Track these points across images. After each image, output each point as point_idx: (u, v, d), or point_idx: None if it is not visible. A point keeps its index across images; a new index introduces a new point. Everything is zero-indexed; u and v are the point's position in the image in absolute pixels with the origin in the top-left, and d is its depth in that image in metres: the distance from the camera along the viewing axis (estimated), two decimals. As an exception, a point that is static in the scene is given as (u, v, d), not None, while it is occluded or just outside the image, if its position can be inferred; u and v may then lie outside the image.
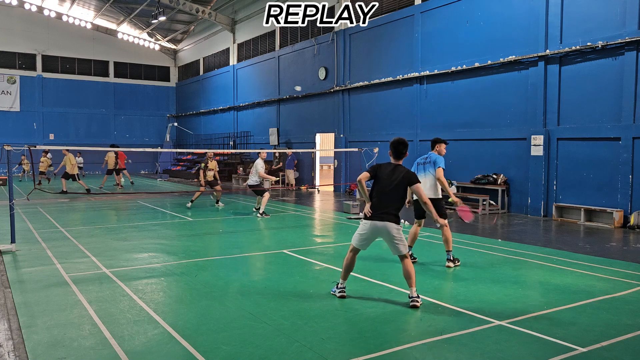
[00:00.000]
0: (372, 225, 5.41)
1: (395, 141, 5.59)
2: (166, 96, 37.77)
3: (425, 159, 7.47)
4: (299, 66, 23.21)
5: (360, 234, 5.55)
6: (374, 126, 18.85)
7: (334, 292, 5.77)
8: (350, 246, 5.71)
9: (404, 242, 5.44)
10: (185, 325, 4.83)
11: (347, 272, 5.70)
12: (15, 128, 31.98)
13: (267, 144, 25.44)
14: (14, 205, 8.54)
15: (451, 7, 15.53)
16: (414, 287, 5.41)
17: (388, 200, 5.39)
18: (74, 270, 7.01)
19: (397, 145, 5.56)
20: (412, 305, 5.34)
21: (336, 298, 5.67)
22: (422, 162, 7.48)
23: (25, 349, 4.24)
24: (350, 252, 5.68)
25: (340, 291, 5.67)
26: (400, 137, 5.67)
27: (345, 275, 5.71)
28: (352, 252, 5.67)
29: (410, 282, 5.42)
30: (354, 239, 5.63)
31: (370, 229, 5.44)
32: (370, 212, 5.41)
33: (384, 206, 5.38)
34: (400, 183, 5.41)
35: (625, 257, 8.11)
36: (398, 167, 5.51)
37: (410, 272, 5.40)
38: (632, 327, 4.82)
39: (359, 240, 5.59)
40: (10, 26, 31.64)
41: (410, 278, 5.40)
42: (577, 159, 12.49)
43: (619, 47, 11.57)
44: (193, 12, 27.42)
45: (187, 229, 11.09)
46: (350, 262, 5.67)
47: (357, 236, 5.59)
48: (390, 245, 5.52)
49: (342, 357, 4.09)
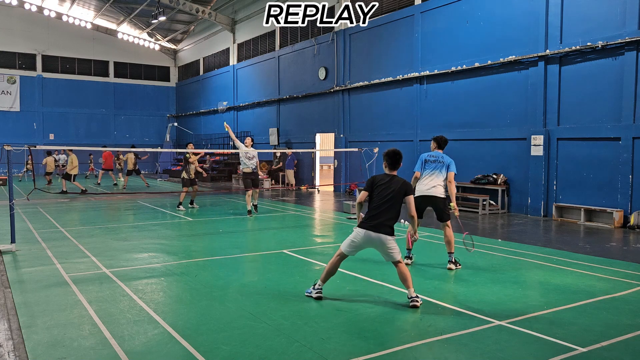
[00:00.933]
0: (366, 234, 5.39)
1: (391, 152, 5.58)
2: (166, 96, 37.77)
3: (437, 158, 7.37)
4: (299, 66, 23.22)
5: (352, 241, 5.52)
6: (374, 126, 18.85)
7: (309, 293, 5.68)
8: (338, 250, 5.66)
9: (397, 249, 5.46)
10: (185, 325, 4.83)
11: (328, 275, 5.63)
12: (15, 128, 31.98)
13: (267, 144, 25.45)
14: (14, 205, 8.54)
15: (451, 7, 15.53)
16: (412, 288, 5.41)
17: (385, 211, 5.38)
18: (74, 270, 7.01)
19: (393, 156, 5.56)
20: (412, 305, 5.34)
21: (335, 299, 5.66)
22: (432, 160, 7.38)
23: (25, 349, 4.24)
24: (338, 256, 5.62)
25: (317, 292, 5.60)
26: (395, 148, 5.66)
27: (326, 278, 5.64)
28: (340, 256, 5.62)
29: (407, 284, 5.42)
30: (344, 244, 5.59)
31: (364, 239, 5.42)
32: (364, 220, 5.44)
33: (380, 217, 5.36)
34: (398, 194, 5.41)
35: (625, 257, 8.11)
36: (394, 177, 5.51)
37: (406, 275, 5.42)
38: (632, 327, 4.82)
39: (349, 247, 5.55)
40: (10, 26, 31.65)
41: (406, 280, 5.41)
42: (577, 159, 12.50)
43: (619, 47, 11.57)
44: (193, 12, 27.42)
45: (187, 229, 11.09)
46: (335, 266, 5.62)
47: (348, 243, 5.54)
48: (383, 254, 5.54)
49: (342, 357, 4.09)
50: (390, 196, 5.38)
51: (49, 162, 23.28)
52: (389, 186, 5.42)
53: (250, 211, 12.87)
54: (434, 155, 7.42)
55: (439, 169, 7.30)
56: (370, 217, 5.38)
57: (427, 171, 7.32)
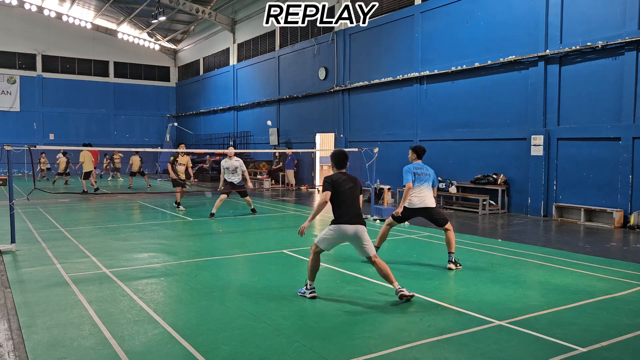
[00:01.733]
0: (341, 230, 5.58)
1: (338, 152, 5.91)
2: (166, 96, 37.78)
3: (424, 170, 7.39)
4: (299, 66, 23.22)
5: (325, 238, 5.68)
6: (374, 126, 18.84)
7: (302, 293, 5.77)
8: (313, 247, 5.79)
9: (371, 244, 5.68)
10: (185, 325, 4.83)
11: (314, 271, 5.76)
12: (15, 128, 32.00)
13: (267, 144, 25.45)
14: (14, 205, 8.54)
15: (451, 7, 15.53)
16: (396, 282, 5.56)
17: (352, 204, 5.65)
18: (74, 270, 7.01)
19: (340, 156, 5.86)
20: (401, 294, 5.45)
21: (335, 299, 5.67)
22: (420, 172, 7.36)
23: (25, 349, 4.24)
24: (315, 253, 5.76)
25: (310, 292, 5.70)
26: (342, 149, 6.14)
27: (313, 276, 5.76)
28: (316, 253, 5.76)
29: (390, 279, 5.58)
30: (319, 240, 5.73)
31: (339, 234, 5.61)
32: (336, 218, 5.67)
33: (350, 210, 5.62)
34: (356, 187, 5.77)
35: (625, 257, 8.11)
36: (347, 174, 5.81)
37: (386, 270, 5.60)
38: (632, 327, 4.82)
39: (324, 243, 5.71)
40: (10, 26, 31.65)
41: (388, 276, 5.58)
42: (577, 159, 12.49)
43: (619, 47, 11.57)
44: (193, 12, 27.43)
45: (187, 229, 11.09)
46: (317, 262, 5.76)
47: (322, 239, 5.71)
48: (358, 249, 5.72)
49: (342, 357, 4.09)
50: (352, 190, 5.70)
51: (62, 162, 23.31)
52: (348, 182, 5.72)
53: (212, 214, 12.54)
54: (420, 168, 7.41)
55: (427, 181, 7.37)
56: (341, 214, 5.60)
57: (418, 184, 7.30)
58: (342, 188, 5.64)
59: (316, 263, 5.75)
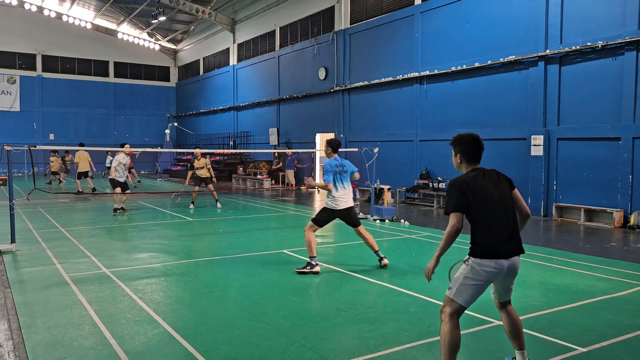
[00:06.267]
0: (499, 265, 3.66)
1: (468, 138, 3.94)
2: (166, 96, 37.77)
3: (343, 167, 7.04)
4: (299, 66, 23.22)
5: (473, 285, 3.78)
6: (374, 126, 18.84)
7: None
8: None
9: None
10: (185, 325, 4.83)
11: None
12: (15, 128, 31.99)
13: (267, 144, 25.45)
14: (14, 205, 8.54)
15: (451, 7, 15.53)
16: None
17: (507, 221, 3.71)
18: (74, 270, 7.01)
19: (472, 144, 3.93)
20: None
21: (335, 299, 5.66)
22: (341, 170, 7.01)
23: (25, 349, 4.24)
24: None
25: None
26: (471, 134, 3.98)
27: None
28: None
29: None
30: (460, 293, 3.79)
31: (491, 273, 3.71)
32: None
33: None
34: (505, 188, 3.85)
35: (625, 257, 8.11)
36: (484, 170, 3.86)
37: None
38: (632, 327, 4.82)
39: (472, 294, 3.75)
40: (10, 26, 31.65)
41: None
42: (577, 159, 12.49)
43: (619, 47, 11.57)
44: (193, 12, 27.42)
45: (187, 229, 11.09)
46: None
47: (466, 289, 3.78)
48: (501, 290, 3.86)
49: (342, 357, 4.09)
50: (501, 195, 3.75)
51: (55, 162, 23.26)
52: (490, 185, 3.71)
53: (116, 209, 13.21)
54: (340, 165, 7.05)
55: (347, 178, 7.09)
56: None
57: (341, 183, 7.00)
58: (485, 197, 3.65)
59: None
